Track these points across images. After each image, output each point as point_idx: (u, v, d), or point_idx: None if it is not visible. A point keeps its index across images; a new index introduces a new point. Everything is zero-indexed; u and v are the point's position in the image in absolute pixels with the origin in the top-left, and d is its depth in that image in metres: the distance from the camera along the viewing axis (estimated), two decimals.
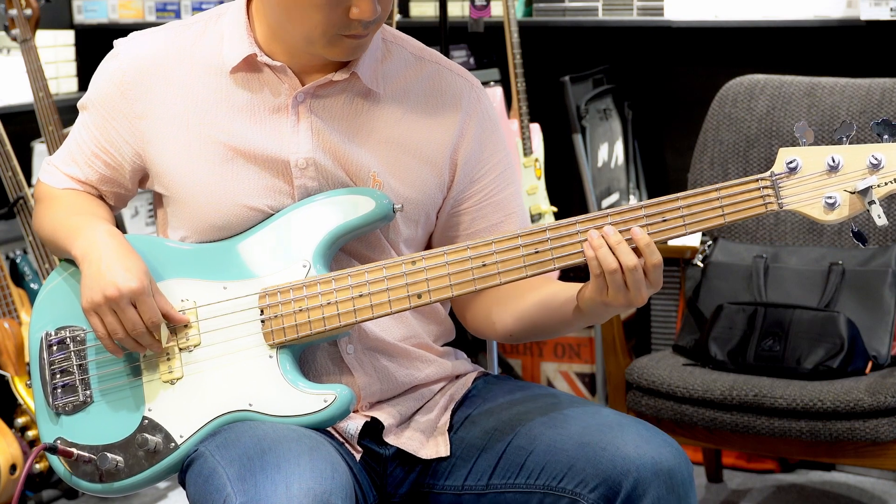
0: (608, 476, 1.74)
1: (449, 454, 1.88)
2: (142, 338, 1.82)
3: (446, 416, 1.93)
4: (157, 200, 1.97)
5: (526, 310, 1.90)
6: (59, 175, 2.00)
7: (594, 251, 1.73)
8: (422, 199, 1.91)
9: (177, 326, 1.85)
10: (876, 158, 1.70)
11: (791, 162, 1.73)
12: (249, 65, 1.88)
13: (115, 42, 1.96)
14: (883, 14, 3.53)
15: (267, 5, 1.84)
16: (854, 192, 1.71)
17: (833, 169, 1.71)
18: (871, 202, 1.70)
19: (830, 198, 1.71)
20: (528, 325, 1.91)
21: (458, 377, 2.01)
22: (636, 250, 1.73)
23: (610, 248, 1.72)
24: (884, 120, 1.72)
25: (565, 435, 1.80)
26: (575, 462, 1.77)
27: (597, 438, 1.77)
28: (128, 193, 2.00)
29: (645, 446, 1.74)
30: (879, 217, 1.70)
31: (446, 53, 3.44)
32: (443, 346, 2.01)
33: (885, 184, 1.70)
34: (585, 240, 1.74)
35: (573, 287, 1.84)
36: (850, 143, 1.72)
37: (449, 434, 1.90)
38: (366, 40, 1.82)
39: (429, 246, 1.99)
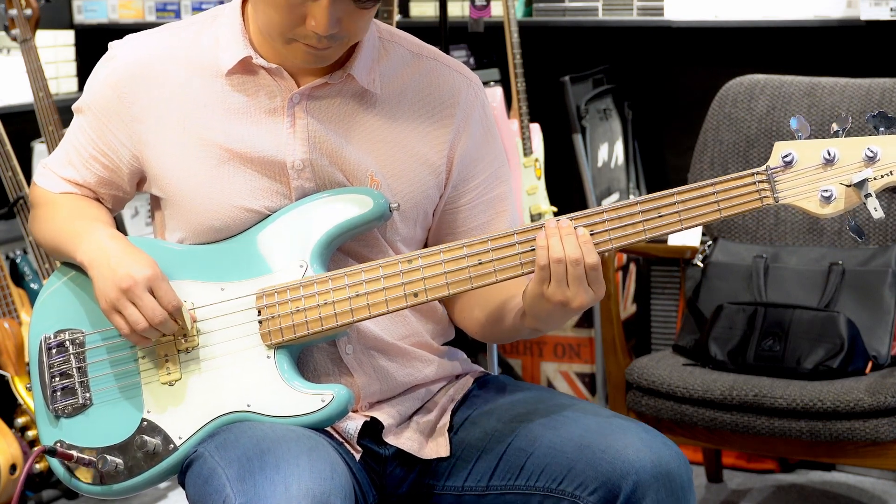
0: (608, 479, 1.74)
1: (449, 454, 1.88)
2: (164, 325, 1.81)
3: (446, 417, 1.93)
4: (154, 203, 1.97)
5: (492, 311, 1.90)
6: (55, 178, 1.99)
7: (546, 238, 1.73)
8: (420, 198, 1.91)
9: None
10: (872, 151, 1.70)
11: (787, 156, 1.72)
12: (245, 67, 1.87)
13: (110, 45, 1.95)
14: (883, 14, 3.52)
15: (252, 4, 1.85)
16: (850, 185, 1.70)
17: (829, 162, 1.71)
18: (868, 195, 1.69)
19: (826, 191, 1.71)
20: (492, 326, 1.92)
21: (457, 377, 2.00)
22: None
23: (559, 239, 1.73)
24: (879, 112, 1.71)
25: (565, 437, 1.80)
26: (575, 464, 1.77)
27: (596, 441, 1.77)
28: (125, 196, 2.00)
29: (644, 449, 1.74)
30: (876, 210, 1.69)
31: (446, 53, 3.43)
32: (442, 345, 2.00)
33: (882, 176, 1.69)
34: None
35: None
36: (845, 137, 1.72)
37: (449, 434, 1.90)
38: (326, 53, 1.80)
39: (425, 245, 1.98)
